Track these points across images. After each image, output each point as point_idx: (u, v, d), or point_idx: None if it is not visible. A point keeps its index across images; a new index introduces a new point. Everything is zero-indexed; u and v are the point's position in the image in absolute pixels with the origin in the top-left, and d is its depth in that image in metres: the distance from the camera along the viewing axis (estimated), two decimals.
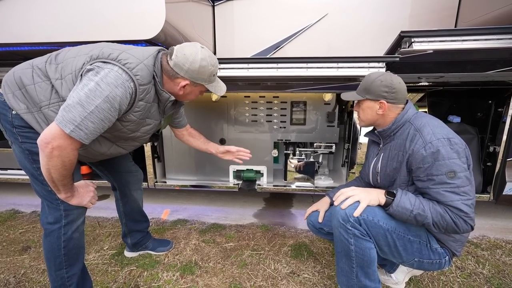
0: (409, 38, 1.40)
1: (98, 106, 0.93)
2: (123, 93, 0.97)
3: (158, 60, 1.10)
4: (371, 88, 1.18)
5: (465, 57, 1.60)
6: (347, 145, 2.15)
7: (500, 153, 1.98)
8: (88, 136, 0.96)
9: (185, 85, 1.13)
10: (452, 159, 1.01)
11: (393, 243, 1.12)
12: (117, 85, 0.95)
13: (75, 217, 1.18)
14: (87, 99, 0.92)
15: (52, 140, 0.92)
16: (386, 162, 1.22)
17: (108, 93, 0.93)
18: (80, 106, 0.91)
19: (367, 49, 2.00)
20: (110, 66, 0.97)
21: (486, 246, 1.86)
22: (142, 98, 1.06)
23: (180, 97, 1.20)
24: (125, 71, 0.98)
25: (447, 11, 1.90)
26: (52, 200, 1.13)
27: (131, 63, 0.99)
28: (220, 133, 2.23)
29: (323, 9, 2.03)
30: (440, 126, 1.10)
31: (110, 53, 1.00)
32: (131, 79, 0.99)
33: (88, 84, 0.93)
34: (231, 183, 2.29)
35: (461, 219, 1.00)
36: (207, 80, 1.14)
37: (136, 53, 1.04)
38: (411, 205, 1.05)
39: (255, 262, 1.70)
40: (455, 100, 2.35)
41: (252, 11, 2.12)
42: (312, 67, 1.56)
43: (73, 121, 0.91)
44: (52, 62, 1.06)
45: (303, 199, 2.70)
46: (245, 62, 1.60)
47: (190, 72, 1.09)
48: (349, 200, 1.11)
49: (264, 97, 2.12)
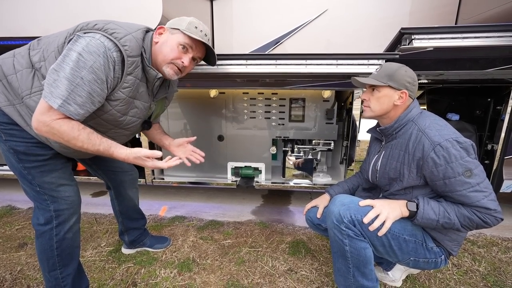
0: (410, 35, 1.39)
1: (83, 78, 0.88)
2: (107, 63, 0.91)
3: (148, 37, 1.05)
4: (395, 75, 1.12)
5: (465, 55, 1.58)
6: (345, 142, 2.15)
7: (498, 151, 1.98)
8: (78, 111, 0.91)
9: (161, 32, 1.07)
10: (464, 158, 1.00)
11: (388, 243, 1.12)
12: (99, 53, 0.89)
13: (67, 217, 1.15)
14: (71, 71, 0.87)
15: (39, 117, 0.90)
16: (386, 160, 1.21)
17: (92, 63, 0.88)
18: (65, 79, 0.87)
19: (367, 45, 1.98)
20: (92, 35, 0.91)
21: (482, 244, 1.87)
22: (131, 72, 1.00)
23: (156, 54, 1.07)
24: (110, 40, 0.92)
25: (448, 8, 1.88)
26: (41, 201, 1.11)
27: (118, 33, 0.94)
28: (218, 130, 2.21)
29: (323, 4, 2.01)
30: (445, 127, 1.08)
31: (96, 23, 0.94)
32: (118, 49, 0.93)
33: (70, 54, 0.88)
34: (229, 180, 2.28)
35: (491, 216, 0.99)
36: (185, 27, 1.06)
37: (124, 25, 0.99)
38: (436, 215, 1.03)
39: (253, 259, 1.70)
40: (454, 98, 2.35)
41: (251, 7, 2.09)
42: (311, 64, 1.54)
43: (61, 96, 0.87)
44: (35, 47, 1.00)
45: (302, 196, 2.70)
46: (244, 58, 1.58)
47: (170, 23, 1.08)
48: (377, 222, 1.07)
49: (263, 93, 2.11)
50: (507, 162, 1.98)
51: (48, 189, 1.11)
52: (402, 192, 1.16)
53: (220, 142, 2.23)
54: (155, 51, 1.08)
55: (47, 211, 1.12)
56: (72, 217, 1.17)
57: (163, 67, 1.09)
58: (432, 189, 1.11)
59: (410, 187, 1.14)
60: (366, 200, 1.14)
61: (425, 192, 1.13)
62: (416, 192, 1.13)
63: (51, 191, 1.11)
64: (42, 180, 1.10)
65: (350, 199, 1.17)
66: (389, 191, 1.22)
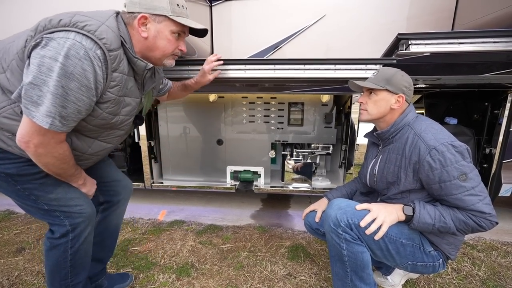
0: (406, 40, 1.40)
1: (71, 89, 0.79)
2: (90, 65, 0.81)
3: (120, 22, 0.91)
4: (392, 79, 1.14)
5: (462, 60, 1.60)
6: (344, 146, 2.15)
7: (496, 154, 1.99)
8: (64, 124, 0.83)
9: (145, 21, 0.92)
10: (459, 161, 1.01)
11: (385, 246, 1.12)
12: (80, 57, 0.78)
13: (83, 229, 1.08)
14: (55, 83, 0.77)
15: (30, 138, 0.82)
16: (384, 164, 1.22)
17: (76, 70, 0.78)
18: (50, 94, 0.77)
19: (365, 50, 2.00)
20: (63, 34, 0.78)
21: (482, 248, 1.87)
22: (116, 68, 0.88)
23: (151, 47, 0.98)
24: (86, 36, 0.80)
25: (444, 13, 1.90)
26: (53, 218, 1.04)
27: (90, 25, 0.81)
28: (217, 134, 2.22)
29: (321, 10, 2.03)
30: (441, 130, 1.09)
31: (60, 18, 0.80)
32: (96, 44, 0.81)
33: (47, 64, 0.77)
34: (228, 184, 2.28)
35: (486, 220, 1.00)
36: (169, 9, 0.93)
37: (92, 14, 0.86)
38: (432, 219, 1.04)
39: (251, 264, 1.69)
40: (451, 102, 2.36)
41: (250, 12, 2.11)
42: (310, 69, 1.55)
43: (49, 113, 0.79)
44: None
45: (301, 200, 2.70)
46: (243, 63, 1.59)
47: (143, 0, 0.91)
48: (373, 226, 1.07)
49: (262, 98, 2.12)
50: (505, 166, 1.99)
51: (57, 205, 1.03)
52: (399, 196, 1.17)
53: (219, 146, 2.24)
54: (147, 46, 0.98)
55: (62, 226, 1.04)
56: (87, 228, 1.11)
57: (164, 61, 1.04)
58: (428, 193, 1.12)
59: (407, 191, 1.14)
60: (362, 204, 1.15)
61: (421, 196, 1.13)
62: (413, 196, 1.14)
63: (61, 206, 1.03)
64: (48, 198, 1.01)
65: (347, 203, 1.18)
66: (386, 195, 1.22)
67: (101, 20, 0.86)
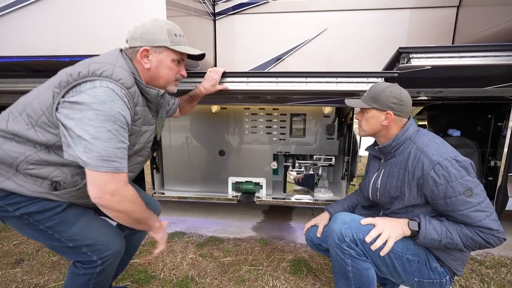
0: (407, 54, 1.42)
1: (111, 131, 0.85)
2: (123, 104, 0.89)
3: (126, 58, 0.98)
4: (379, 97, 1.15)
5: (463, 73, 1.61)
6: (347, 157, 2.14)
7: (501, 167, 1.96)
8: (122, 163, 0.89)
9: (147, 54, 0.98)
10: (464, 177, 0.99)
11: (391, 262, 1.09)
12: (112, 99, 0.86)
13: (112, 261, 1.06)
14: (96, 129, 0.83)
15: (102, 190, 0.87)
16: (386, 179, 1.20)
17: (110, 112, 0.85)
18: (96, 140, 0.83)
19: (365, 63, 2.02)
20: (90, 85, 0.86)
21: (490, 264, 1.81)
22: (136, 102, 0.96)
23: (155, 77, 1.03)
24: (108, 80, 0.87)
25: (445, 27, 1.93)
26: (80, 255, 1.02)
27: (106, 70, 0.88)
28: (219, 145, 2.22)
29: (323, 24, 2.07)
30: (443, 145, 1.08)
31: (79, 71, 0.87)
32: (118, 85, 0.89)
33: (85, 115, 0.83)
34: (230, 195, 2.27)
35: (493, 237, 0.98)
36: (168, 40, 0.99)
37: (102, 59, 0.94)
38: (439, 235, 1.02)
39: (253, 278, 1.65)
40: (454, 114, 2.35)
41: (253, 25, 2.16)
42: (312, 82, 1.56)
43: (102, 158, 0.84)
44: (12, 117, 0.92)
45: (303, 212, 2.66)
46: (245, 76, 1.61)
47: (144, 35, 0.97)
48: (379, 241, 1.05)
49: (264, 109, 2.13)
50: (511, 179, 1.96)
51: (82, 239, 1.00)
52: (404, 210, 1.15)
53: (221, 156, 2.24)
54: (151, 76, 1.04)
55: (91, 262, 1.02)
56: (116, 260, 1.08)
57: (167, 87, 1.10)
58: (433, 208, 1.09)
59: (412, 206, 1.12)
60: (367, 219, 1.13)
61: (426, 211, 1.11)
62: (418, 211, 1.12)
63: (86, 240, 1.01)
64: (71, 233, 0.99)
65: (351, 217, 1.16)
66: (390, 210, 1.20)
67: (113, 62, 0.93)
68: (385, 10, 2.01)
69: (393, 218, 1.15)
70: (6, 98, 2.08)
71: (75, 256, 1.03)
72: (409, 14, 1.99)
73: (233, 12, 2.16)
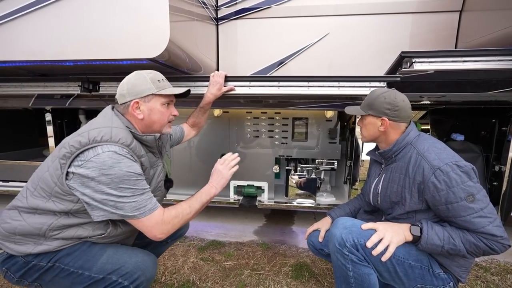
0: (410, 58, 1.41)
1: (130, 187, 0.93)
2: (129, 161, 0.95)
3: (118, 115, 1.05)
4: (374, 104, 1.17)
5: (467, 78, 1.60)
6: (349, 162, 2.13)
7: (506, 172, 1.94)
8: (152, 202, 0.99)
9: (137, 105, 1.04)
10: (466, 182, 0.98)
11: (393, 268, 1.07)
12: (118, 160, 0.92)
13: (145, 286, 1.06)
14: (116, 191, 0.91)
15: (154, 232, 0.98)
16: (387, 184, 1.20)
17: (120, 173, 0.91)
18: (121, 198, 0.91)
19: (368, 67, 2.02)
20: (93, 152, 0.91)
21: (496, 271, 1.79)
22: (139, 155, 1.03)
23: (149, 124, 1.09)
24: (109, 144, 0.93)
25: (447, 32, 1.92)
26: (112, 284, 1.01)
27: (105, 134, 0.94)
28: (221, 148, 2.23)
29: (325, 28, 2.08)
30: (444, 150, 1.07)
31: (79, 140, 0.92)
32: (119, 146, 0.95)
33: (100, 181, 0.89)
34: (232, 198, 2.26)
35: (497, 243, 0.96)
36: (153, 87, 1.05)
37: (100, 124, 0.99)
38: (441, 241, 1.01)
39: (254, 282, 1.64)
40: (458, 118, 2.34)
41: (255, 30, 2.17)
42: (314, 86, 1.57)
43: (134, 208, 0.93)
44: (29, 193, 0.99)
45: (305, 216, 2.65)
46: (247, 80, 1.62)
47: (130, 90, 1.03)
48: (380, 246, 1.04)
49: (266, 113, 2.14)
50: None
51: (112, 267, 1.01)
52: (405, 216, 1.14)
53: None
54: (146, 124, 1.09)
55: (124, 287, 1.01)
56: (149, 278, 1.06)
57: (162, 130, 1.15)
58: (435, 214, 1.08)
59: (413, 211, 1.11)
60: (368, 223, 1.12)
61: (428, 217, 1.10)
62: (419, 216, 1.11)
63: (115, 266, 1.01)
64: (100, 264, 1.00)
65: (352, 222, 1.15)
66: (391, 215, 1.19)
67: (108, 124, 0.99)
68: (387, 15, 2.01)
69: (395, 223, 1.14)
70: (12, 101, 2.12)
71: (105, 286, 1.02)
72: (412, 18, 1.99)
73: (235, 17, 2.18)
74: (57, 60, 1.49)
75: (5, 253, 1.00)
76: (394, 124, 1.16)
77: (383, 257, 1.04)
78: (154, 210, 0.98)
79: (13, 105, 2.16)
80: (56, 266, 1.00)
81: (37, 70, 1.86)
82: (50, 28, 1.46)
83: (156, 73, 1.10)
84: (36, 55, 1.48)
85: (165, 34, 1.38)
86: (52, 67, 1.67)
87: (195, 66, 1.87)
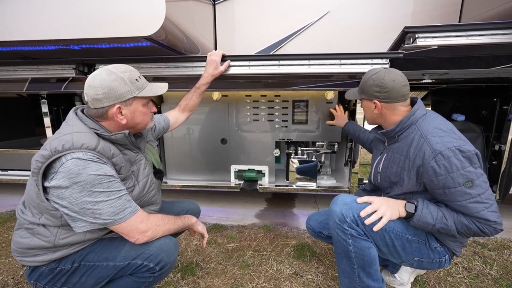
0: (413, 33, 1.38)
1: (104, 191, 0.91)
2: (95, 164, 0.91)
3: (82, 117, 0.99)
4: (364, 87, 1.17)
5: (470, 53, 1.57)
6: (349, 144, 2.13)
7: (506, 151, 1.95)
8: (132, 205, 0.98)
9: (120, 111, 1.00)
10: (466, 167, 0.95)
11: (391, 242, 1.09)
12: (84, 166, 0.88)
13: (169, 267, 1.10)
14: (90, 197, 0.89)
15: (134, 234, 0.99)
16: (387, 163, 1.19)
17: (89, 178, 0.88)
18: (96, 205, 0.90)
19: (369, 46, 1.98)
20: (58, 162, 0.89)
21: (493, 247, 1.82)
22: (110, 155, 0.98)
23: (133, 126, 1.06)
24: (71, 152, 0.89)
25: (451, 7, 1.87)
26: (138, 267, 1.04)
27: (66, 142, 0.90)
28: (221, 133, 2.21)
29: (325, 6, 2.01)
30: (449, 133, 1.03)
31: (42, 154, 0.89)
32: (83, 151, 0.91)
33: (72, 191, 0.88)
34: (233, 183, 2.27)
35: (490, 227, 0.97)
36: (133, 90, 1.00)
37: (60, 132, 0.97)
38: (433, 220, 1.01)
39: (257, 263, 1.67)
40: (459, 98, 2.32)
41: (253, 9, 2.10)
42: (314, 64, 1.53)
43: (113, 213, 0.93)
44: (27, 211, 1.01)
45: (306, 199, 2.67)
46: (247, 59, 1.58)
47: (108, 94, 0.96)
48: (374, 217, 1.06)
49: (266, 96, 2.10)
50: None
51: (135, 253, 1.04)
52: (402, 196, 1.15)
53: (223, 145, 2.22)
54: (129, 127, 1.06)
55: (150, 269, 1.04)
56: (174, 263, 1.10)
57: (146, 127, 1.13)
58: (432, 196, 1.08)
59: (410, 193, 1.12)
60: (364, 197, 1.13)
61: (425, 198, 1.10)
62: (417, 197, 1.11)
63: (139, 250, 1.04)
64: (124, 252, 1.03)
65: (352, 198, 1.16)
66: (389, 194, 1.20)
67: (69, 131, 0.94)
68: None
69: (391, 198, 1.15)
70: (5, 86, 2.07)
71: (134, 271, 1.05)
72: None
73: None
74: (49, 41, 1.44)
75: (29, 268, 1.03)
76: (388, 106, 1.13)
77: (375, 227, 1.06)
78: (134, 214, 0.98)
79: (7, 90, 2.10)
80: (82, 265, 1.02)
81: (30, 55, 1.80)
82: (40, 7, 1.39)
83: (132, 70, 1.03)
84: (27, 35, 1.42)
85: (161, 10, 1.32)
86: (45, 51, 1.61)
87: (193, 47, 1.81)
